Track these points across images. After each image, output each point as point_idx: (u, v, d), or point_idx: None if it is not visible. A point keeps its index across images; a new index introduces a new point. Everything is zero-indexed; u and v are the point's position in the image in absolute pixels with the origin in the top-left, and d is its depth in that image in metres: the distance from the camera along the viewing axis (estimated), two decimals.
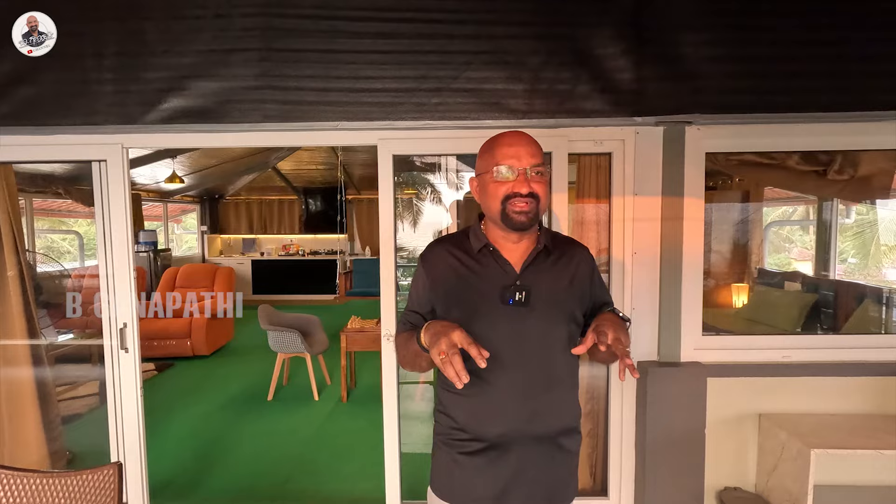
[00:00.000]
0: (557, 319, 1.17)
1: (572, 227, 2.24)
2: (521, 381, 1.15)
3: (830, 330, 3.77)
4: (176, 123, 2.00)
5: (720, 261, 4.91)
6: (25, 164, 2.95)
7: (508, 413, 1.15)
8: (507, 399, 1.15)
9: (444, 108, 1.97)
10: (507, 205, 1.12)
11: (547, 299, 1.16)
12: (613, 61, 1.94)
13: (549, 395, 1.16)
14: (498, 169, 1.13)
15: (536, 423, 1.16)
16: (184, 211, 9.68)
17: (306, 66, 1.96)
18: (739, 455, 2.18)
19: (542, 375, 1.16)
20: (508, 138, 1.16)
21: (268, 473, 2.90)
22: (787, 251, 7.00)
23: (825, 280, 4.15)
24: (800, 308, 3.88)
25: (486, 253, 1.19)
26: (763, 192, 4.92)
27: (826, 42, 1.89)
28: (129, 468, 2.20)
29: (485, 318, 1.14)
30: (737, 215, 4.94)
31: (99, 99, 1.97)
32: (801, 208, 7.25)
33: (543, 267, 1.19)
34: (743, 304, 4.58)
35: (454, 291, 1.18)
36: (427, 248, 1.27)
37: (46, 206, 6.48)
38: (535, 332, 1.15)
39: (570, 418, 1.23)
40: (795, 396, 2.13)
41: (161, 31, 1.95)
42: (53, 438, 2.44)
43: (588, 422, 2.32)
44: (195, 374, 4.87)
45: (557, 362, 1.16)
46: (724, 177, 4.81)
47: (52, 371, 3.05)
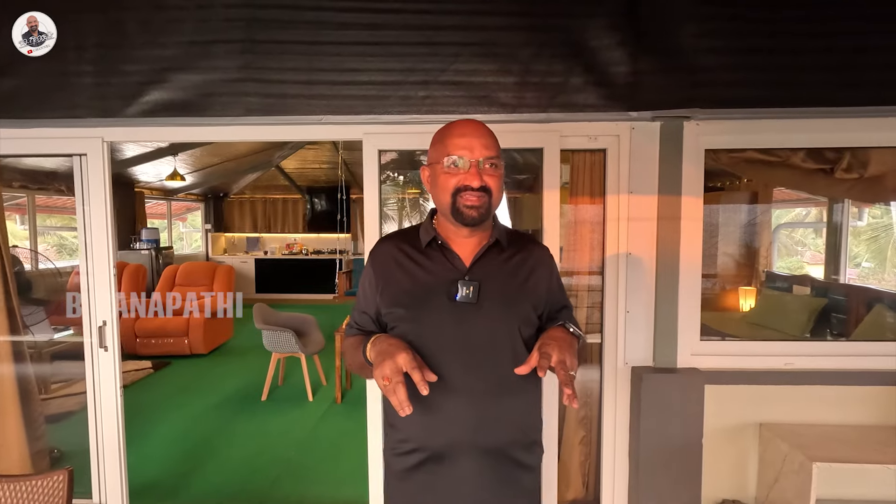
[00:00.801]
0: (508, 319, 1.07)
1: (566, 228, 2.17)
2: (468, 386, 1.05)
3: (840, 336, 3.65)
4: (157, 117, 1.95)
5: (726, 263, 4.80)
6: (6, 157, 2.92)
7: (454, 420, 1.05)
8: (452, 405, 1.05)
9: (432, 101, 1.91)
10: (458, 198, 1.05)
11: (498, 297, 1.07)
12: (608, 53, 1.86)
13: (499, 402, 1.06)
14: (449, 159, 1.05)
15: (484, 433, 1.06)
16: (188, 209, 9.71)
17: (290, 58, 1.91)
18: (739, 466, 2.08)
19: (491, 380, 1.06)
20: (461, 127, 1.08)
21: (254, 476, 2.84)
22: (798, 255, 6.85)
23: (836, 284, 4.02)
24: (809, 313, 3.76)
25: (434, 247, 1.12)
26: (772, 194, 4.80)
27: (835, 33, 1.80)
28: (108, 468, 2.15)
29: (430, 315, 1.06)
30: (744, 217, 4.82)
31: (79, 92, 1.94)
32: (815, 210, 7.09)
33: (495, 263, 1.11)
34: (750, 307, 4.46)
35: (398, 287, 1.10)
36: (375, 244, 1.20)
37: (52, 203, 6.52)
38: (483, 331, 1.06)
39: (527, 429, 1.12)
40: (798, 405, 2.03)
41: (142, 22, 1.91)
42: (36, 438, 2.40)
43: (581, 428, 2.23)
44: (191, 372, 4.84)
45: (508, 366, 1.06)
46: (731, 177, 4.70)
47: (39, 368, 3.03)
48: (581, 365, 2.24)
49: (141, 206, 7.34)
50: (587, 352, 2.24)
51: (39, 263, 5.01)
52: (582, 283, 2.21)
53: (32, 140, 2.05)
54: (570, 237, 2.20)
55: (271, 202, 9.43)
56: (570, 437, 2.23)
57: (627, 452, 2.09)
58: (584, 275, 2.20)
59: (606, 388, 2.11)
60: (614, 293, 2.07)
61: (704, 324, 2.09)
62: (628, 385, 2.08)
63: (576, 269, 2.21)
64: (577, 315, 2.24)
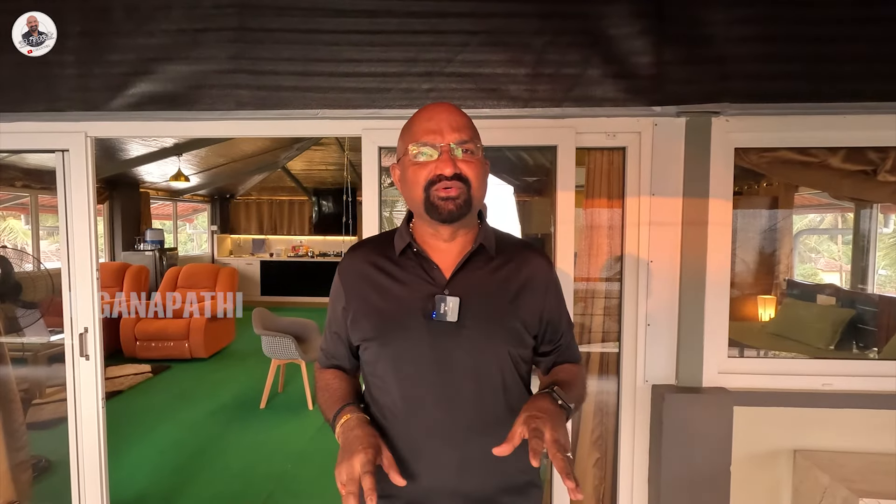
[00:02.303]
0: (496, 339, 0.90)
1: (580, 232, 2.00)
2: (448, 420, 0.89)
3: (868, 349, 3.44)
4: (143, 110, 1.83)
5: (745, 270, 4.60)
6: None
7: (432, 464, 0.89)
8: (430, 445, 0.89)
9: (436, 94, 1.76)
10: (431, 191, 0.88)
11: (483, 315, 0.90)
12: (629, 42, 1.71)
13: (486, 441, 0.84)
14: (415, 147, 0.89)
15: (468, 477, 0.89)
16: (195, 210, 9.66)
17: (284, 47, 1.77)
18: (771, 498, 1.89)
19: (474, 412, 0.89)
20: (427, 111, 0.92)
21: (247, 491, 2.70)
22: (814, 262, 6.61)
23: (863, 294, 3.80)
24: (834, 324, 3.55)
25: (409, 256, 0.95)
26: (793, 198, 4.60)
27: (886, 18, 1.62)
28: (88, 484, 2.02)
29: (404, 337, 0.90)
30: (764, 222, 4.63)
31: (61, 83, 1.82)
32: (829, 216, 6.87)
33: (481, 273, 0.93)
34: (770, 317, 4.25)
35: (368, 307, 0.94)
36: (344, 255, 1.04)
37: (56, 203, 6.46)
38: (466, 355, 0.89)
39: (520, 470, 0.94)
40: (838, 431, 1.84)
41: (127, 9, 1.79)
42: (16, 449, 2.28)
43: (595, 450, 2.06)
44: (190, 377, 4.72)
45: (496, 396, 0.90)
46: (751, 181, 4.52)
47: (31, 371, 2.91)
48: (597, 377, 2.09)
49: (146, 206, 7.28)
50: (604, 363, 2.07)
51: (41, 265, 4.92)
52: (599, 290, 2.05)
53: (13, 135, 1.93)
54: (584, 242, 2.03)
55: (277, 204, 9.35)
56: (583, 460, 2.06)
57: (647, 479, 1.92)
58: (601, 282, 2.04)
59: (624, 407, 1.93)
60: (633, 304, 1.89)
61: None
62: (648, 405, 1.90)
63: (591, 275, 2.04)
64: (593, 325, 2.07)
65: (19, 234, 7.25)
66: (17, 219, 6.96)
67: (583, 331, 2.06)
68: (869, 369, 1.86)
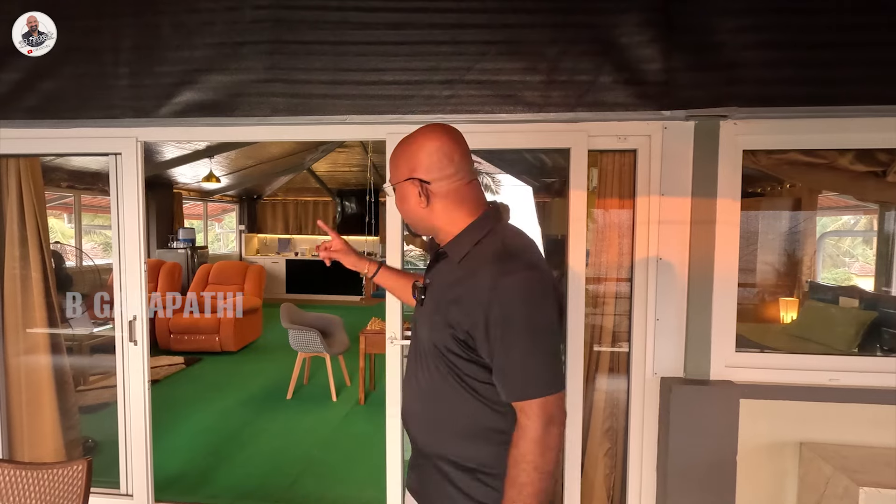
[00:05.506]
0: (437, 326, 1.04)
1: (593, 232, 2.10)
2: (408, 381, 1.15)
3: (893, 352, 3.40)
4: (187, 117, 1.99)
5: (767, 272, 4.57)
6: (49, 156, 3.05)
7: (404, 407, 1.17)
8: (404, 393, 1.18)
9: (456, 100, 1.88)
10: None
11: (435, 302, 1.08)
12: (639, 50, 1.79)
13: (415, 406, 1.11)
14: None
15: (415, 431, 1.13)
16: (224, 210, 10.00)
17: (315, 58, 1.92)
18: (776, 488, 1.95)
19: (415, 379, 1.11)
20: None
21: (277, 473, 2.87)
22: (846, 265, 6.46)
23: (888, 297, 3.76)
24: (857, 326, 3.52)
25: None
26: (816, 200, 4.55)
27: (886, 25, 1.67)
28: (135, 460, 2.20)
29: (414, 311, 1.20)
30: (786, 224, 4.59)
31: (116, 93, 2.00)
32: (864, 218, 6.71)
33: (443, 272, 1.09)
34: (792, 319, 4.22)
35: None
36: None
37: (97, 203, 6.81)
38: (422, 331, 1.11)
39: (460, 454, 1.03)
40: (843, 425, 1.89)
41: (175, 25, 1.96)
42: (70, 427, 2.49)
43: (606, 440, 2.15)
44: (221, 369, 4.95)
45: (430, 375, 1.06)
46: (773, 182, 4.49)
47: (77, 360, 3.14)
48: (608, 374, 2.17)
49: (179, 206, 7.59)
50: (615, 361, 2.16)
51: (84, 261, 5.22)
52: (609, 289, 2.14)
53: (72, 140, 2.13)
54: (597, 241, 2.12)
55: (302, 204, 9.61)
56: (594, 449, 2.15)
57: (655, 468, 2.00)
58: (612, 281, 2.13)
59: (634, 399, 2.02)
60: (643, 299, 1.98)
61: (743, 335, 1.96)
62: (657, 396, 1.98)
63: (603, 275, 2.13)
64: (604, 324, 2.16)
65: (58, 233, 7.64)
66: (58, 218, 7.34)
67: (594, 331, 2.14)
68: (874, 365, 1.91)
